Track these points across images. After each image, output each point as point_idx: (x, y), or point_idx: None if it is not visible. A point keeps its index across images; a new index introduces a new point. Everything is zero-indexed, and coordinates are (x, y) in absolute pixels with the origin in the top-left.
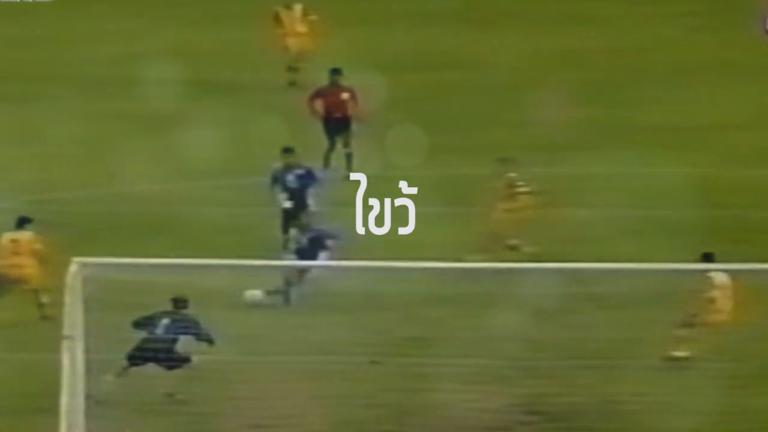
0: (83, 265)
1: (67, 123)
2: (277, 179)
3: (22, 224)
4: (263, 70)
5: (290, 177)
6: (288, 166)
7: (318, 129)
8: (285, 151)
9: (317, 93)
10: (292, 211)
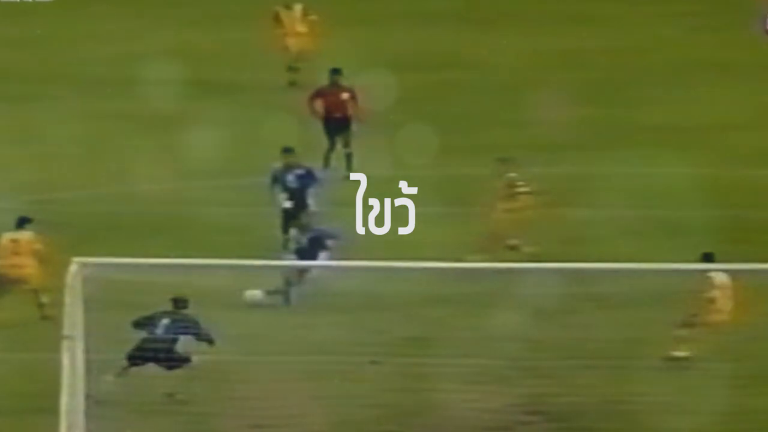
0: (83, 265)
1: (67, 123)
2: (277, 179)
3: (22, 224)
4: (263, 70)
5: (290, 177)
6: (288, 166)
7: (318, 129)
8: (285, 151)
9: (317, 93)
10: (292, 211)
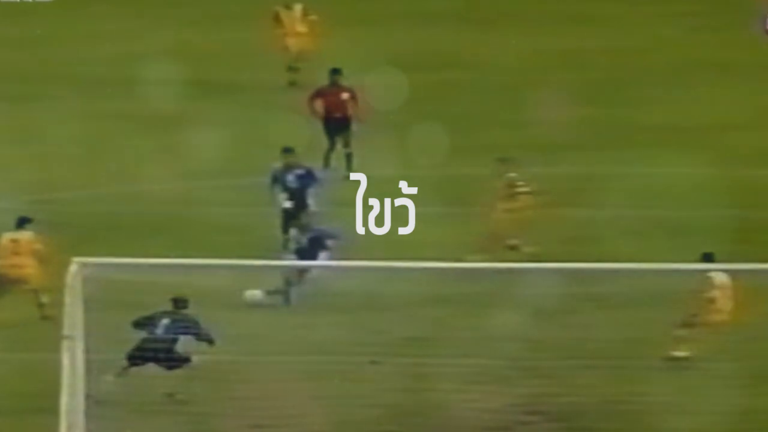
0: (83, 265)
1: (67, 123)
2: (277, 179)
3: (22, 224)
4: (263, 70)
5: (290, 177)
6: (288, 166)
7: (318, 129)
8: (285, 151)
9: (317, 93)
10: (292, 211)
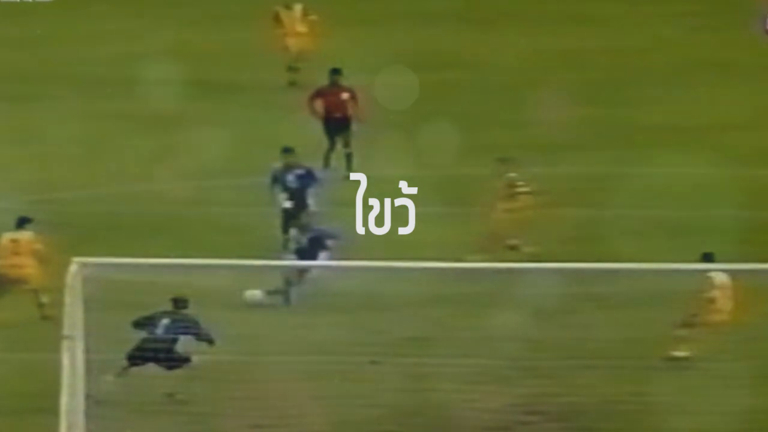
0: (83, 265)
1: (67, 123)
2: (277, 179)
3: (22, 224)
4: (263, 70)
5: (290, 177)
6: (288, 166)
7: (318, 129)
8: (285, 151)
9: (317, 93)
10: (292, 211)
